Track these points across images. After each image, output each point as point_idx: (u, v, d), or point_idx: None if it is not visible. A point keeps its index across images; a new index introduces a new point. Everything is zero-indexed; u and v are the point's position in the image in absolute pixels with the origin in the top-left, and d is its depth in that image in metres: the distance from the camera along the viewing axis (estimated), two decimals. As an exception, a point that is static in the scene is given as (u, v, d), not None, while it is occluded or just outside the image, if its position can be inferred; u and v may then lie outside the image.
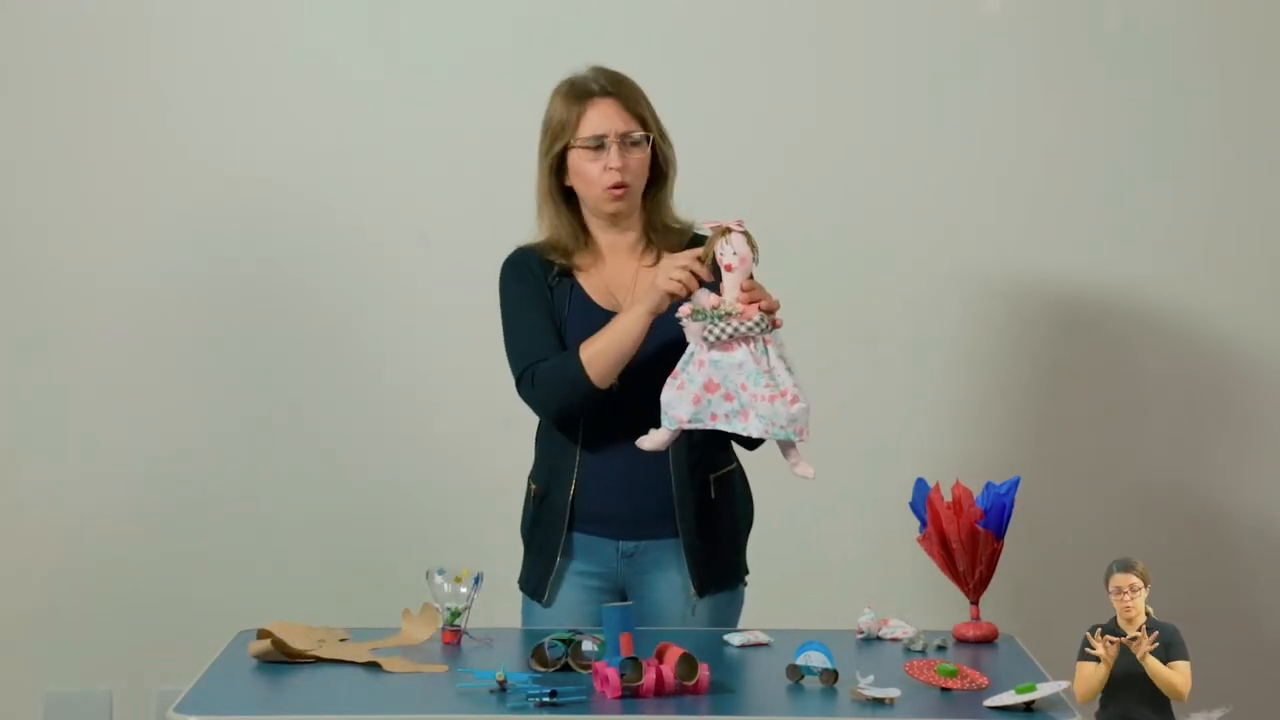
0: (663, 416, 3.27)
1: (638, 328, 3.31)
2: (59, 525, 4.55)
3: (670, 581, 3.44)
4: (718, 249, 3.25)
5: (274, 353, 4.54)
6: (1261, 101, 4.49)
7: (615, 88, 3.44)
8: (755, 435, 3.24)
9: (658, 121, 3.47)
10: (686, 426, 3.26)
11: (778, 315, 3.26)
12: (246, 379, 4.54)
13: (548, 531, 3.46)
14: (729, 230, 3.25)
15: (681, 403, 3.25)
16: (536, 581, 3.48)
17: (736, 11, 4.48)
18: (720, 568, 3.48)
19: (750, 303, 3.24)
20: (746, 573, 3.55)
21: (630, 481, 3.41)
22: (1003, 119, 4.49)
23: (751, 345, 3.23)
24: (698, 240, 3.47)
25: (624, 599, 3.44)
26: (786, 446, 3.27)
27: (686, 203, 3.53)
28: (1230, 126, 4.49)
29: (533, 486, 3.53)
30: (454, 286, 4.50)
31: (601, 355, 3.34)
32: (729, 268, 3.24)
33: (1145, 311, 4.52)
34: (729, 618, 3.49)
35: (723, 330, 3.22)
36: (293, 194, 4.51)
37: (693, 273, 3.26)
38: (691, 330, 3.24)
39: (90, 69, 4.50)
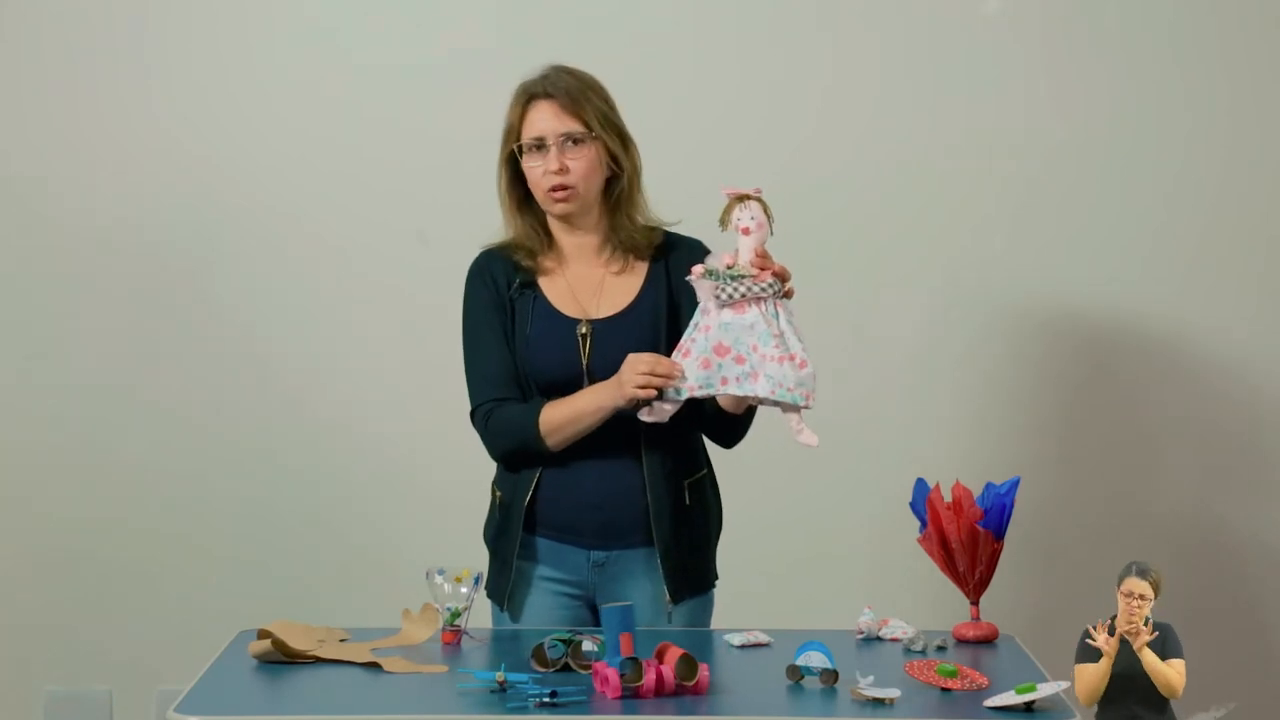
0: (668, 389, 3.25)
1: (598, 418, 3.32)
2: (59, 525, 4.55)
3: (641, 590, 3.42)
4: (735, 214, 3.24)
5: (273, 351, 4.54)
6: (1268, 102, 4.49)
7: (556, 88, 3.40)
8: (762, 395, 3.22)
9: (609, 120, 3.43)
10: (697, 394, 3.24)
11: (789, 285, 3.26)
12: (245, 378, 4.54)
13: (508, 540, 3.44)
14: (747, 197, 3.25)
15: (690, 370, 3.24)
16: (501, 589, 3.46)
17: (736, 12, 4.48)
18: (694, 574, 3.46)
19: (763, 269, 3.24)
20: (717, 577, 3.53)
21: (602, 492, 3.39)
22: (1009, 119, 4.48)
23: (763, 307, 3.22)
24: (671, 241, 3.46)
25: (593, 607, 3.44)
26: (790, 412, 3.25)
27: (689, 205, 3.51)
28: (1240, 130, 4.48)
29: (497, 494, 3.51)
30: (454, 284, 4.50)
31: (560, 429, 3.35)
32: (745, 231, 3.24)
33: (1145, 313, 4.52)
34: (702, 623, 3.48)
35: (735, 289, 3.21)
36: (294, 193, 4.51)
37: (658, 374, 3.23)
38: (703, 289, 3.23)
39: (84, 66, 4.50)
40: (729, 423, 3.40)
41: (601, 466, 3.37)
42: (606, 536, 3.41)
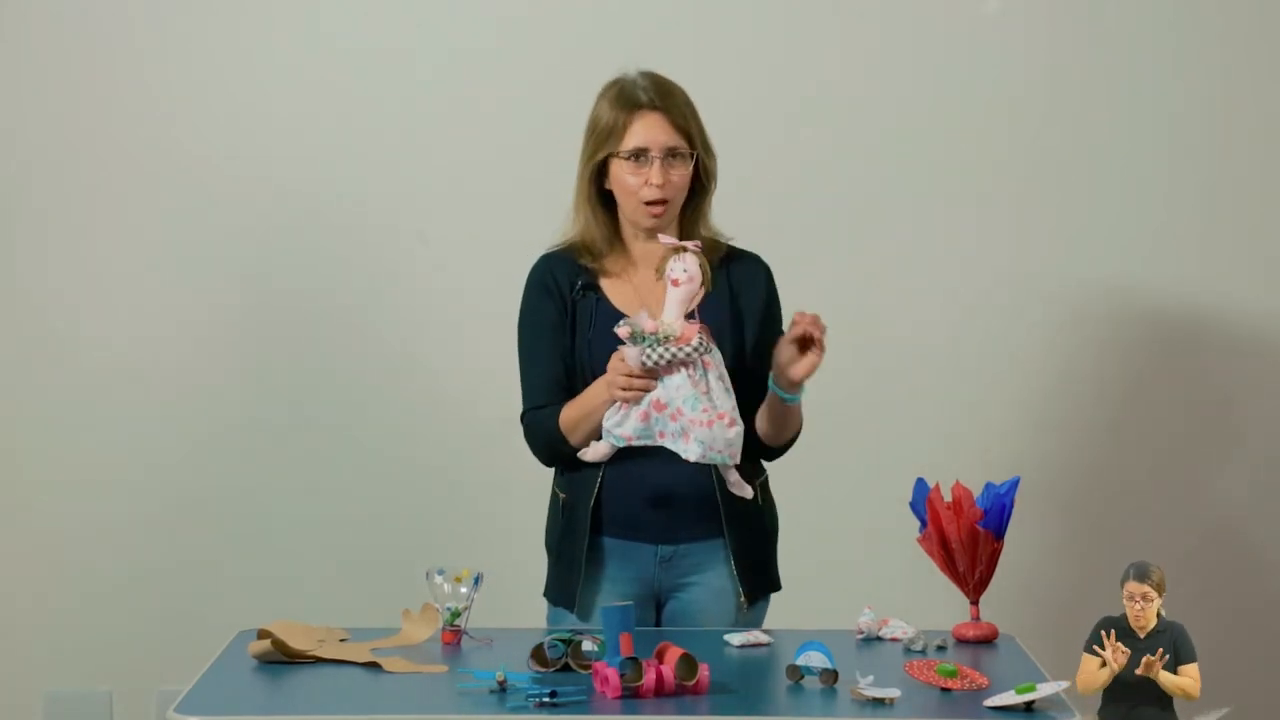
0: (606, 434, 3.29)
1: (605, 410, 3.31)
2: (59, 526, 4.56)
3: (709, 584, 3.42)
4: (669, 265, 3.24)
5: (273, 352, 4.54)
6: (1269, 98, 4.49)
7: (663, 100, 3.39)
8: (693, 459, 3.23)
9: (703, 134, 3.43)
10: (635, 443, 3.28)
11: (816, 337, 3.27)
12: (246, 379, 4.54)
13: (576, 540, 3.43)
14: (684, 250, 3.24)
15: (628, 421, 3.27)
16: (568, 591, 3.44)
17: (737, 10, 4.48)
18: (766, 575, 3.49)
19: (805, 335, 3.24)
20: (780, 584, 3.54)
21: (667, 487, 3.37)
22: (1010, 118, 4.49)
23: (690, 369, 3.23)
24: (733, 254, 3.46)
25: (659, 604, 3.45)
26: (724, 469, 3.29)
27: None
28: (1242, 124, 4.49)
29: (561, 496, 3.49)
30: (452, 286, 4.51)
31: (577, 426, 3.36)
32: (675, 283, 3.23)
33: (1148, 313, 4.52)
34: (759, 623, 3.47)
35: (661, 355, 3.21)
36: (294, 194, 4.51)
37: (635, 387, 3.24)
38: (630, 354, 3.23)
39: (89, 69, 4.50)
40: (778, 427, 3.41)
41: (665, 463, 3.32)
42: (673, 530, 3.41)
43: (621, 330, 3.24)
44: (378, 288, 4.52)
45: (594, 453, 3.33)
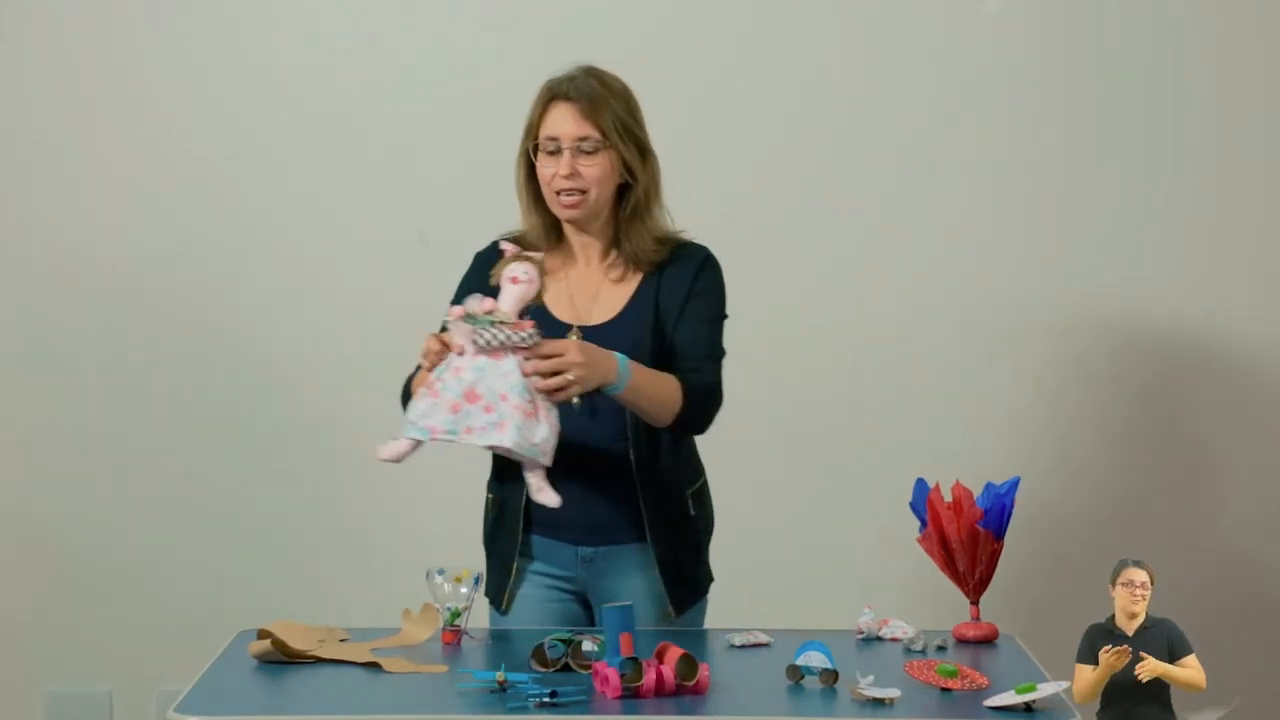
0: (408, 427, 3.23)
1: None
2: (59, 525, 4.56)
3: (633, 586, 3.40)
4: (510, 267, 3.22)
5: (273, 352, 4.54)
6: (1270, 100, 4.50)
7: (578, 92, 3.36)
8: (507, 446, 3.17)
9: (627, 130, 3.37)
10: (439, 439, 3.21)
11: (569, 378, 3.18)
12: (245, 378, 4.54)
13: (505, 540, 3.44)
14: (528, 259, 3.23)
15: (436, 412, 3.20)
16: (496, 589, 3.46)
17: (735, 10, 4.48)
18: (695, 582, 3.47)
19: (549, 370, 3.18)
20: (712, 579, 3.52)
21: (591, 491, 3.35)
22: (1009, 118, 4.49)
23: (520, 357, 3.19)
24: (681, 249, 3.42)
25: (585, 603, 3.44)
26: (532, 467, 3.24)
27: (699, 208, 3.50)
28: (1245, 127, 4.49)
29: (490, 496, 3.51)
30: (452, 286, 4.50)
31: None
32: (515, 280, 3.21)
33: (1146, 314, 4.52)
34: (698, 623, 3.47)
35: (494, 336, 3.17)
36: (293, 194, 4.51)
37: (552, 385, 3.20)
38: (461, 332, 3.18)
39: (89, 69, 4.50)
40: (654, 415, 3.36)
41: (591, 468, 3.33)
42: (594, 532, 3.40)
43: (454, 311, 3.20)
44: (377, 287, 4.52)
45: (391, 450, 3.28)
